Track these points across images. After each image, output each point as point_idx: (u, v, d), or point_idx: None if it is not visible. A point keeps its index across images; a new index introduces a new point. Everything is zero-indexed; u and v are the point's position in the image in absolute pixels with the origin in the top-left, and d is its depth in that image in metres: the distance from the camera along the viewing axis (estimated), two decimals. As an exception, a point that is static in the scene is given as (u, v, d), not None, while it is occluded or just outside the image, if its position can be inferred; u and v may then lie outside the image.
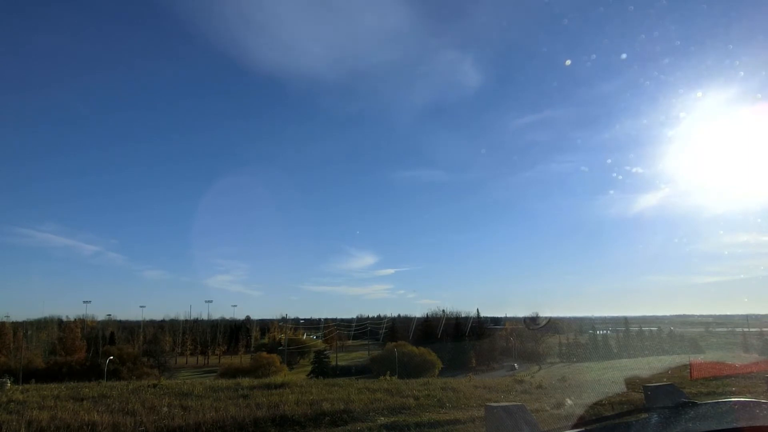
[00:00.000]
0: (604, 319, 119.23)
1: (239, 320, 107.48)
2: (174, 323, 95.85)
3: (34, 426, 10.03)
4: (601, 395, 14.49)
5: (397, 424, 10.38)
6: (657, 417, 2.19)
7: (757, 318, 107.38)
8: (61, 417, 10.68)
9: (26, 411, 11.45)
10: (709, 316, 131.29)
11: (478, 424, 10.17)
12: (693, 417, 2.12)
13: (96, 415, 10.98)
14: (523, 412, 2.58)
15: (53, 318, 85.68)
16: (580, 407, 11.86)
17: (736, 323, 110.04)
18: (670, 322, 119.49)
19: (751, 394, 10.74)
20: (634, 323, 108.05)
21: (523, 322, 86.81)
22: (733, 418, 2.06)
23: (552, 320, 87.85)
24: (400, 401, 13.21)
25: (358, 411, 11.66)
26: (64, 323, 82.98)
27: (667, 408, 2.32)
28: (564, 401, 12.30)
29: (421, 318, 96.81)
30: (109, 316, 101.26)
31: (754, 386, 13.49)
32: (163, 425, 10.31)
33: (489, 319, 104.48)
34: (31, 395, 14.05)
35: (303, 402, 12.69)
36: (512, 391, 16.37)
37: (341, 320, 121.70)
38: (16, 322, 78.11)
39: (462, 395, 14.62)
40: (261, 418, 10.82)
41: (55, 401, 12.96)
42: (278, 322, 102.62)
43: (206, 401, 13.06)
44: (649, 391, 3.18)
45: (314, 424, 10.71)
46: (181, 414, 11.36)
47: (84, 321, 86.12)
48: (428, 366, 60.63)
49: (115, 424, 10.24)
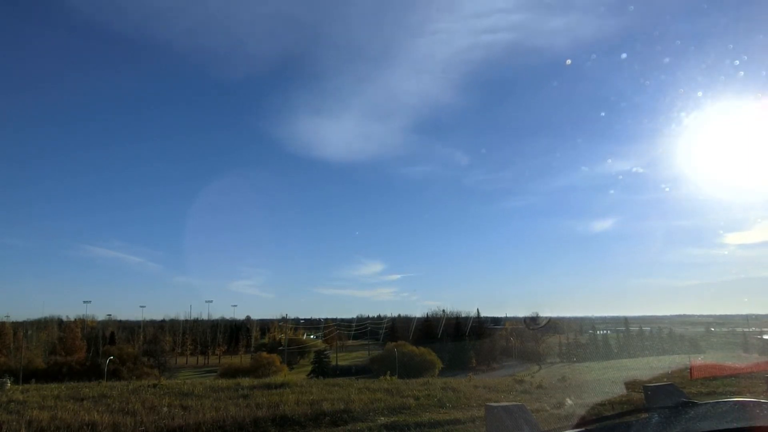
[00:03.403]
0: (604, 319, 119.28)
1: (239, 320, 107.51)
2: (174, 323, 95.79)
3: (34, 426, 10.03)
4: (602, 395, 14.50)
5: (397, 424, 10.38)
6: (657, 417, 2.19)
7: (757, 318, 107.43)
8: (61, 417, 10.67)
9: (26, 411, 11.44)
10: (709, 316, 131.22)
11: (479, 424, 10.17)
12: (693, 417, 2.12)
13: (96, 415, 10.97)
14: (523, 412, 2.57)
15: (53, 318, 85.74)
16: (580, 407, 11.87)
17: (736, 323, 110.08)
18: (670, 322, 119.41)
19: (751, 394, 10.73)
20: (634, 323, 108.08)
21: (523, 322, 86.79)
22: (733, 418, 2.06)
23: (552, 320, 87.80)
24: (400, 401, 13.21)
25: (358, 411, 11.66)
26: (64, 323, 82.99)
27: (667, 408, 2.32)
28: (564, 401, 12.30)
29: (421, 318, 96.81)
30: (109, 316, 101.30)
31: (754, 386, 13.49)
32: (163, 425, 10.31)
33: (489, 319, 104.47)
34: (31, 395, 14.05)
35: (303, 402, 12.70)
36: (512, 391, 16.38)
37: (341, 320, 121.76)
38: (16, 322, 78.14)
39: (462, 395, 14.63)
40: (261, 418, 10.82)
41: (55, 401, 12.96)
42: (278, 322, 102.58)
43: (206, 401, 13.06)
44: (649, 391, 3.18)
45: (314, 424, 10.71)
46: (181, 414, 11.37)
47: (84, 321, 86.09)
48: (428, 366, 60.61)
49: (115, 424, 10.24)
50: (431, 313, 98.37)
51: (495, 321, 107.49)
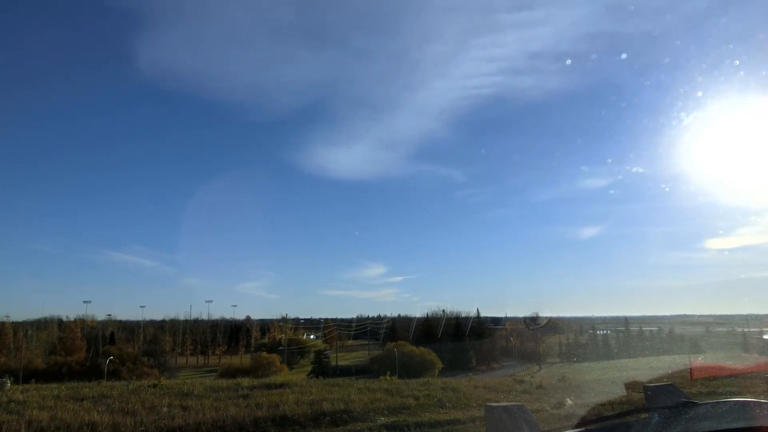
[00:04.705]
0: (604, 319, 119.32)
1: (239, 320, 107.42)
2: (174, 323, 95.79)
3: (34, 426, 10.02)
4: (602, 395, 14.49)
5: (397, 424, 10.37)
6: (657, 417, 2.19)
7: (757, 318, 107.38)
8: (61, 417, 10.67)
9: (26, 411, 11.43)
10: (709, 316, 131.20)
11: (478, 424, 10.17)
12: (693, 417, 2.12)
13: (96, 415, 10.96)
14: (523, 412, 2.57)
15: (53, 318, 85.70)
16: (580, 407, 11.86)
17: (736, 323, 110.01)
18: (670, 322, 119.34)
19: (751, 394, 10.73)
20: (634, 323, 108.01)
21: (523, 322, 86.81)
22: (734, 418, 2.05)
23: (552, 320, 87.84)
24: (400, 401, 13.21)
25: (358, 411, 11.66)
26: (64, 323, 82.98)
27: (667, 408, 2.32)
28: (564, 401, 12.30)
29: (421, 318, 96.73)
30: (109, 316, 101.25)
31: (754, 386, 13.47)
32: (163, 425, 10.30)
33: (489, 319, 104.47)
34: (31, 395, 14.04)
35: (303, 402, 12.68)
36: (512, 391, 16.38)
37: (341, 320, 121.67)
38: (16, 322, 78.14)
39: (462, 395, 14.62)
40: (261, 418, 10.82)
41: (55, 401, 12.94)
42: (278, 322, 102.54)
43: (206, 401, 13.05)
44: (649, 391, 3.17)
45: (314, 424, 10.71)
46: (181, 414, 11.36)
47: (84, 321, 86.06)
48: (428, 366, 60.59)
49: (115, 424, 10.24)
50: (431, 313, 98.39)
51: (495, 321, 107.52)
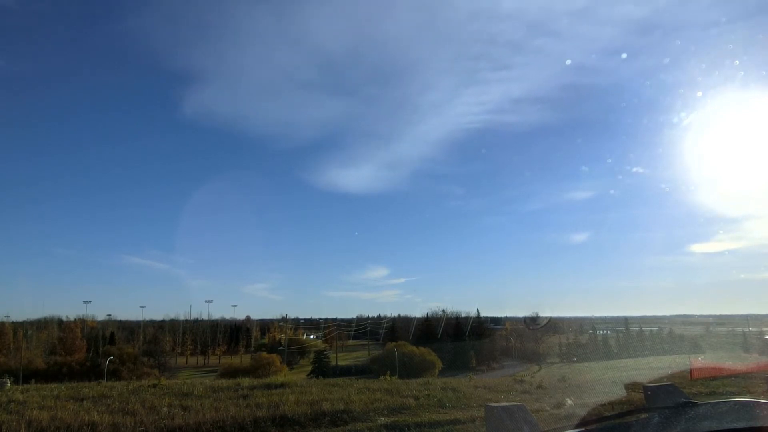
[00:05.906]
0: (604, 319, 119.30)
1: (239, 320, 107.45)
2: (174, 323, 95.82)
3: (34, 426, 10.02)
4: (602, 395, 14.48)
5: (397, 424, 10.37)
6: (657, 417, 2.19)
7: (757, 318, 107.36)
8: (61, 417, 10.66)
9: (26, 411, 11.43)
10: (709, 316, 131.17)
11: (479, 424, 10.17)
12: (693, 417, 2.12)
13: (96, 415, 10.96)
14: (523, 412, 2.58)
15: (53, 318, 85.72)
16: (580, 407, 11.85)
17: (736, 323, 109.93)
18: (670, 322, 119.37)
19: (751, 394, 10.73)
20: (634, 323, 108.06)
21: (523, 322, 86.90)
22: (733, 418, 2.05)
23: (552, 320, 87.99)
24: (400, 401, 13.20)
25: (358, 411, 11.65)
26: (64, 323, 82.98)
27: (667, 408, 2.32)
28: (564, 401, 12.30)
29: (421, 318, 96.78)
30: (109, 316, 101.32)
31: (754, 386, 13.47)
32: (163, 425, 10.29)
33: (489, 319, 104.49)
34: (31, 395, 14.03)
35: (303, 402, 12.67)
36: (512, 391, 16.36)
37: (341, 320, 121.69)
38: (16, 322, 78.16)
39: (462, 395, 14.61)
40: (261, 418, 10.81)
41: (55, 401, 12.94)
42: (278, 322, 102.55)
43: (206, 401, 13.05)
44: (649, 391, 3.18)
45: (314, 424, 10.70)
46: (181, 414, 11.35)
47: (84, 321, 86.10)
48: (428, 366, 60.62)
49: (115, 424, 10.23)
50: (431, 313, 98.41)
51: (495, 321, 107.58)
